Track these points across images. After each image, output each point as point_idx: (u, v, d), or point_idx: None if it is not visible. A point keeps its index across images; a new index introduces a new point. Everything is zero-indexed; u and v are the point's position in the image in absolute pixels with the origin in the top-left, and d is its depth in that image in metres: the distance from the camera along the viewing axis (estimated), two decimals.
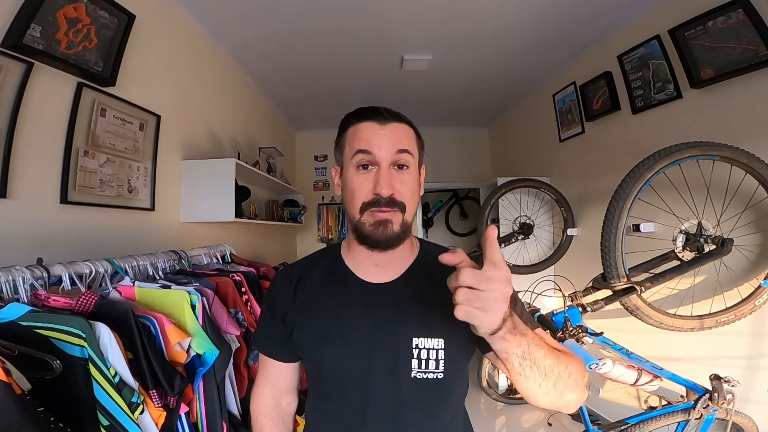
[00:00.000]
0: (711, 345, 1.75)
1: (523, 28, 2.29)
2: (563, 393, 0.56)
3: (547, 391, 0.55)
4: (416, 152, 0.68)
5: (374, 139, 0.63)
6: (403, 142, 0.65)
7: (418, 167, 0.69)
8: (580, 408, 1.70)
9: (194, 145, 2.08)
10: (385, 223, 0.63)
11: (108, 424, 0.73)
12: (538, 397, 0.56)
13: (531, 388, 0.55)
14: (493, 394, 2.75)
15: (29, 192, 1.15)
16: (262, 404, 0.78)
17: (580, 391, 0.58)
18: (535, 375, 0.53)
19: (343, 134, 0.68)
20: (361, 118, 0.66)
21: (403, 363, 0.64)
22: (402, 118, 0.68)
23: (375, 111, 0.66)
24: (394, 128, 0.65)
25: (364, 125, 0.65)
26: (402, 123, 0.67)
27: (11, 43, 1.08)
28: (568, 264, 2.82)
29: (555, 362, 0.54)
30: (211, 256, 1.60)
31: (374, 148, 0.63)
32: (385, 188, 0.62)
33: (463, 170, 4.47)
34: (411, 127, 0.69)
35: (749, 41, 1.55)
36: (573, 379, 0.56)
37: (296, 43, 2.41)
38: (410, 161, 0.65)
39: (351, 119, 0.67)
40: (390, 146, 0.63)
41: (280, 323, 0.72)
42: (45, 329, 0.74)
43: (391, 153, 0.63)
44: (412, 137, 0.68)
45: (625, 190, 1.33)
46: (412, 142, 0.67)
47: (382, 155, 0.63)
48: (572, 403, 0.58)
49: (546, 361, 0.53)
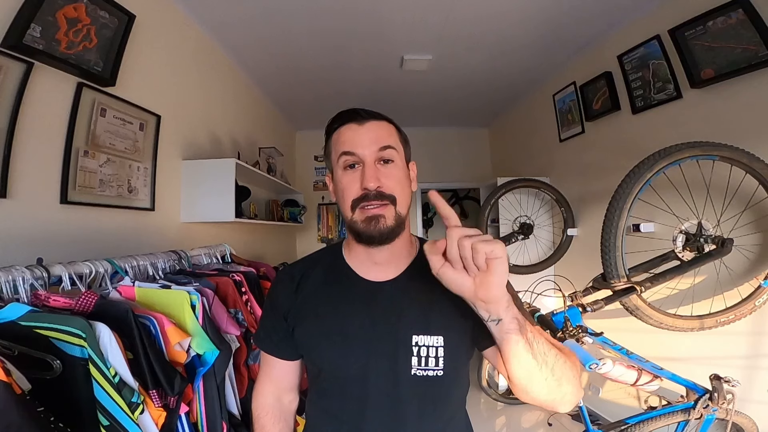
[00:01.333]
0: (711, 345, 1.76)
1: (523, 28, 2.29)
2: (561, 381, 0.56)
3: (546, 376, 0.55)
4: (400, 147, 0.69)
5: (356, 139, 0.65)
6: (384, 138, 0.66)
7: (405, 162, 0.70)
8: (580, 408, 1.70)
9: (194, 145, 2.08)
10: (377, 218, 0.64)
11: (108, 424, 0.73)
12: (537, 383, 0.56)
13: (530, 375, 0.56)
14: (493, 394, 2.75)
15: (29, 192, 1.15)
16: (264, 402, 0.79)
17: (576, 385, 0.59)
18: (535, 359, 0.54)
19: (329, 141, 0.71)
20: (341, 122, 0.68)
21: (402, 360, 0.64)
22: (380, 116, 0.69)
23: (353, 113, 0.68)
24: (373, 126, 0.67)
25: (345, 128, 0.67)
26: (381, 120, 0.69)
27: (11, 43, 1.08)
28: (568, 264, 2.82)
29: (553, 350, 0.57)
30: (211, 256, 1.60)
31: (357, 148, 0.65)
32: (372, 181, 0.63)
33: (463, 170, 4.47)
34: (391, 124, 0.70)
35: (749, 41, 1.55)
36: (569, 369, 0.57)
37: (296, 43, 2.41)
38: (394, 155, 0.67)
39: (332, 125, 0.70)
40: (371, 143, 0.65)
41: (282, 321, 0.73)
42: (45, 329, 0.74)
43: (374, 150, 0.65)
44: (393, 133, 0.69)
45: (625, 190, 1.32)
46: (393, 138, 0.68)
47: (366, 153, 0.64)
48: (568, 396, 0.58)
49: (545, 346, 0.56)
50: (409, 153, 0.73)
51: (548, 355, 0.55)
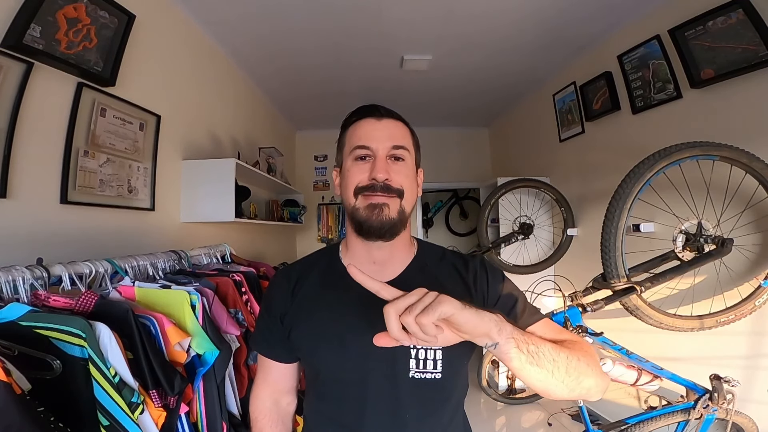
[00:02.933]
0: (711, 345, 1.75)
1: (523, 28, 2.29)
2: (579, 379, 0.56)
3: (562, 379, 0.55)
4: (412, 150, 0.70)
5: (371, 133, 0.66)
6: (399, 138, 0.68)
7: (414, 164, 0.71)
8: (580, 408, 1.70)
9: (194, 145, 2.08)
10: (380, 207, 0.64)
11: (108, 424, 0.73)
12: (555, 387, 0.55)
13: (545, 383, 0.55)
14: (493, 394, 2.75)
15: (29, 192, 1.15)
16: (262, 405, 0.78)
17: (597, 375, 0.58)
18: (544, 368, 0.53)
19: (344, 133, 0.72)
20: (360, 116, 0.69)
21: (400, 363, 0.64)
22: (398, 116, 0.71)
23: (372, 108, 0.69)
24: (390, 124, 0.68)
25: (362, 122, 0.68)
26: (398, 120, 0.70)
27: (11, 43, 1.08)
28: (568, 264, 2.82)
29: (563, 353, 0.55)
30: (211, 256, 1.59)
31: (371, 142, 0.66)
32: (381, 172, 0.64)
33: (463, 170, 4.47)
34: (406, 126, 0.72)
35: (749, 41, 1.55)
36: (585, 364, 0.57)
37: (296, 43, 2.41)
38: (406, 156, 0.68)
39: (350, 118, 0.71)
40: (386, 139, 0.66)
41: (278, 324, 0.72)
42: (45, 329, 0.74)
43: (388, 146, 0.66)
44: (408, 135, 0.71)
45: (625, 190, 1.32)
46: (407, 140, 0.70)
47: (379, 147, 0.66)
48: (593, 389, 0.58)
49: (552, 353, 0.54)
50: (419, 159, 0.74)
51: (558, 360, 0.55)
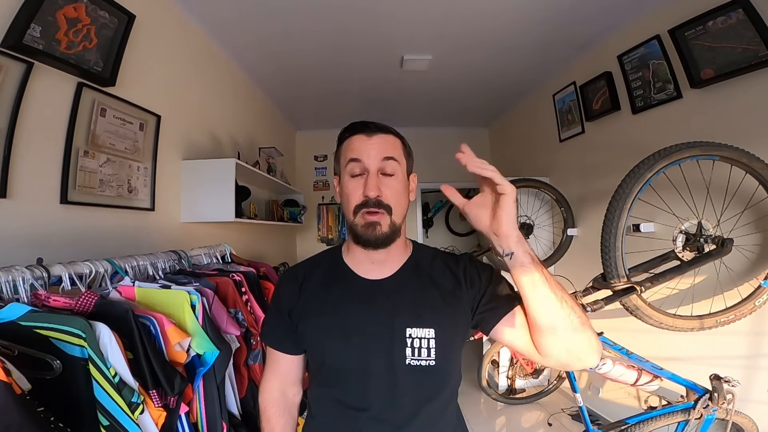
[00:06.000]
0: (711, 345, 1.76)
1: (523, 27, 2.29)
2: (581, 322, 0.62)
3: (568, 313, 0.61)
4: (403, 160, 0.76)
5: (363, 148, 0.73)
6: (389, 150, 0.73)
7: (405, 174, 0.77)
8: (580, 408, 1.70)
9: (194, 145, 2.08)
10: (374, 225, 0.71)
11: (108, 424, 0.73)
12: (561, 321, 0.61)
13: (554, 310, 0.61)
14: (493, 394, 2.75)
15: (29, 192, 1.15)
16: (270, 395, 0.84)
17: (593, 332, 0.64)
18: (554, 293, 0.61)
19: (340, 147, 0.78)
20: (353, 132, 0.76)
21: (398, 351, 0.70)
22: (388, 129, 0.76)
23: (363, 125, 0.75)
24: (381, 139, 0.74)
25: (355, 138, 0.75)
26: (388, 134, 0.76)
27: (11, 43, 1.08)
28: (568, 264, 2.82)
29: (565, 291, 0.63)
30: (211, 256, 1.59)
31: (363, 156, 0.72)
32: (373, 190, 0.70)
33: (463, 170, 4.38)
34: (397, 137, 0.77)
35: (749, 41, 1.55)
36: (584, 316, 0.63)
37: (296, 43, 2.41)
38: (396, 168, 0.74)
39: (344, 134, 0.77)
40: (377, 154, 0.72)
41: (286, 318, 0.79)
42: (45, 329, 0.74)
43: (378, 160, 0.72)
44: (398, 146, 0.76)
45: (625, 190, 1.32)
46: (398, 150, 0.75)
47: (371, 162, 0.72)
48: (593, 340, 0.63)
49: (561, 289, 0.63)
50: (412, 165, 0.80)
51: (565, 297, 0.62)
